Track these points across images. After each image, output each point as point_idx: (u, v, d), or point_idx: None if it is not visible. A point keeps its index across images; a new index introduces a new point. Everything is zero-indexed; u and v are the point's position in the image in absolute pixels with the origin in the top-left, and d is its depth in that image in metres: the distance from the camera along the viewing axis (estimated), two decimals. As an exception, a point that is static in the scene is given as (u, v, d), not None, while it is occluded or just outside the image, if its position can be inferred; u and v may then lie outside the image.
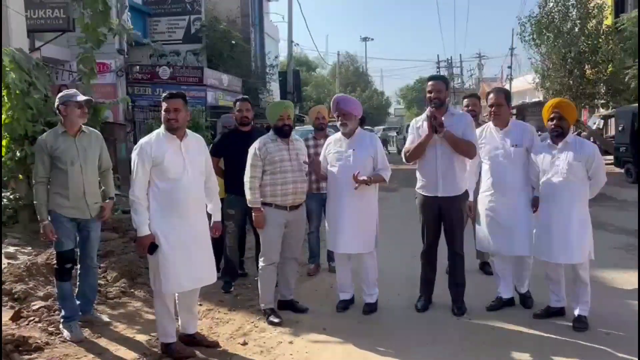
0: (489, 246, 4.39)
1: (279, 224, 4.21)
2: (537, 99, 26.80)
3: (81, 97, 4.01)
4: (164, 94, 3.68)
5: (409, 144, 4.39)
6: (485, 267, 5.38)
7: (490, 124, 4.38)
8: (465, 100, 5.56)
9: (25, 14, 11.32)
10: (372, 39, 64.34)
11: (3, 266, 5.21)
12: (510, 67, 39.64)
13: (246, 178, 4.20)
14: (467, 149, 4.14)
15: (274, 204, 4.19)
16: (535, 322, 4.10)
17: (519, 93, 34.25)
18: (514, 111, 18.78)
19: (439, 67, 51.75)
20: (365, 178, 4.14)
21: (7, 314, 4.09)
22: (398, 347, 3.76)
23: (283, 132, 4.22)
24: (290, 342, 3.86)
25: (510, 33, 38.26)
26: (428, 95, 4.26)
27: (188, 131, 3.70)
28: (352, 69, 51.37)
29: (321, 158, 4.50)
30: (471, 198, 4.40)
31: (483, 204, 4.35)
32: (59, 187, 3.88)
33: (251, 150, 4.23)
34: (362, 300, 4.46)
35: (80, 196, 3.91)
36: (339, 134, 4.43)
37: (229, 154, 4.98)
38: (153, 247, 3.48)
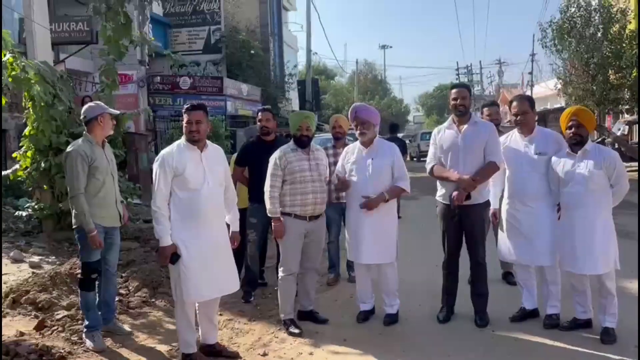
0: (510, 256, 4.31)
1: (298, 234, 4.21)
2: (559, 105, 26.46)
3: (112, 110, 4.15)
4: (185, 105, 3.71)
5: (431, 156, 4.35)
6: (508, 277, 5.29)
7: (516, 130, 4.30)
8: (486, 109, 5.48)
9: (50, 27, 11.62)
10: (391, 47, 64.60)
11: (27, 275, 5.30)
12: (531, 74, 39.15)
13: (266, 187, 4.21)
14: (492, 174, 4.17)
15: (293, 214, 4.18)
16: (561, 334, 4.00)
17: (540, 99, 33.81)
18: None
19: (458, 74, 51.48)
20: (375, 197, 4.15)
21: (31, 324, 4.16)
22: (419, 359, 3.70)
23: (302, 143, 4.22)
24: (311, 354, 3.83)
25: (531, 39, 37.72)
26: (453, 102, 4.23)
27: (208, 142, 3.74)
28: (371, 76, 51.42)
29: (338, 167, 4.47)
30: (496, 206, 4.33)
31: (505, 212, 4.28)
32: (95, 197, 3.94)
33: (271, 159, 4.24)
34: (383, 310, 4.42)
35: (114, 205, 4.05)
36: (357, 143, 4.41)
37: (252, 163, 5.00)
38: (175, 257, 3.50)
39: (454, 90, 4.28)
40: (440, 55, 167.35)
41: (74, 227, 3.97)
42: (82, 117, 4.12)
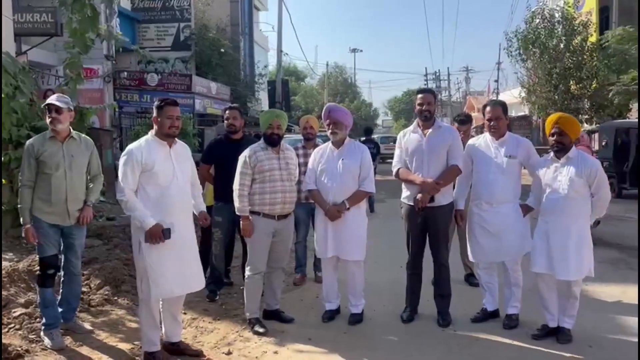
0: (479, 255, 4.38)
1: (266, 233, 4.20)
2: (522, 113, 27.17)
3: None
4: (162, 100, 3.68)
5: (397, 159, 4.41)
6: (470, 279, 5.40)
7: (487, 134, 4.38)
8: (461, 126, 5.31)
9: (13, 17, 11.26)
10: (361, 51, 64.53)
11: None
12: (497, 81, 40.09)
13: (235, 186, 4.19)
14: (454, 177, 4.29)
15: (262, 213, 4.18)
16: (519, 334, 4.10)
17: (505, 107, 34.63)
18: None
19: (426, 80, 52.31)
20: (341, 206, 4.22)
21: (-14, 321, 4.02)
22: (382, 357, 3.75)
23: (272, 141, 4.22)
24: (275, 352, 3.83)
25: (498, 47, 38.62)
26: (418, 107, 4.30)
27: (175, 139, 3.71)
28: (341, 79, 51.63)
29: (309, 167, 4.49)
30: (462, 207, 4.40)
31: (473, 214, 4.36)
32: (42, 192, 3.83)
33: (241, 158, 4.22)
34: (348, 310, 4.45)
35: (62, 202, 3.85)
36: (328, 144, 4.44)
37: (218, 162, 4.97)
38: (167, 232, 3.44)
39: (419, 96, 4.35)
40: (410, 60, 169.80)
41: None
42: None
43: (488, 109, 4.35)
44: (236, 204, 4.18)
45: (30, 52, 12.53)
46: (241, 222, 4.18)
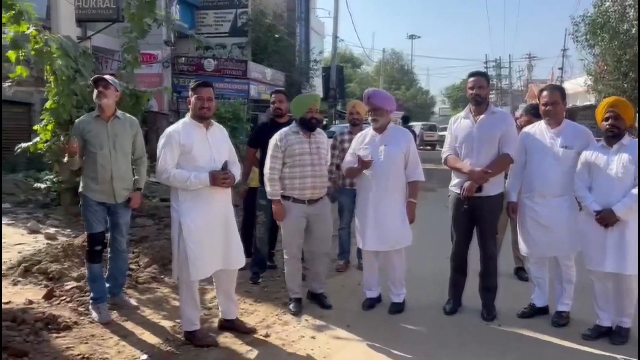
0: (531, 249, 4.17)
1: (297, 217, 4.18)
2: (588, 103, 25.82)
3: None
4: (194, 82, 3.71)
5: (447, 146, 4.28)
6: (520, 272, 5.19)
7: (542, 122, 4.15)
8: (531, 118, 4.83)
9: (78, 3, 11.71)
10: (419, 37, 63.42)
11: (42, 246, 5.40)
12: (561, 69, 38.31)
13: (265, 170, 4.19)
14: (505, 166, 4.11)
15: (292, 197, 4.15)
16: (568, 333, 3.91)
17: (570, 96, 33.05)
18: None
19: (486, 67, 50.58)
20: (409, 208, 4.24)
21: (41, 293, 4.23)
22: (421, 349, 3.66)
23: (310, 125, 4.17)
24: (312, 337, 3.82)
25: (563, 33, 36.87)
26: (469, 91, 4.13)
27: (212, 121, 3.74)
28: (397, 66, 50.87)
29: (349, 152, 4.42)
30: (514, 199, 4.20)
31: (525, 206, 4.14)
32: (89, 170, 3.97)
33: (272, 141, 4.19)
34: (390, 299, 4.38)
35: (108, 180, 3.96)
36: (370, 129, 4.35)
37: (264, 145, 4.97)
38: (224, 166, 3.53)
39: (471, 79, 4.17)
40: (469, 47, 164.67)
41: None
42: None
43: (545, 93, 4.09)
44: (267, 187, 4.18)
45: (95, 37, 13.02)
46: (273, 206, 4.18)
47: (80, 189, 4.01)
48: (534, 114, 4.83)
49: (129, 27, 7.42)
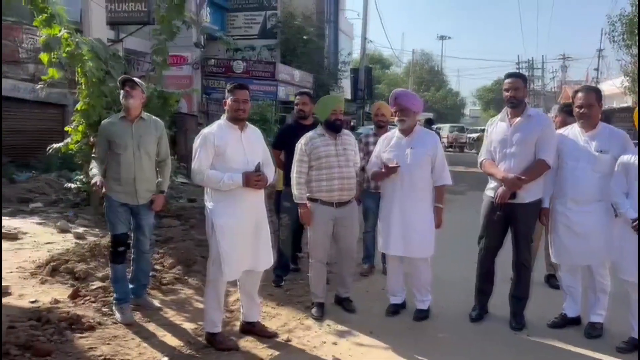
0: (563, 257, 4.02)
1: (325, 220, 4.13)
2: (625, 105, 25.03)
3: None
4: (230, 84, 3.73)
5: (484, 150, 4.16)
6: (551, 280, 5.03)
7: (576, 125, 3.99)
8: (565, 116, 4.76)
9: (111, 6, 11.92)
10: (450, 38, 62.83)
11: (71, 245, 5.48)
12: (597, 70, 37.28)
13: (292, 173, 4.16)
14: (541, 173, 3.91)
15: (319, 200, 4.11)
16: (601, 345, 3.74)
17: (606, 98, 32.17)
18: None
19: (518, 68, 49.65)
20: (437, 215, 4.16)
21: (67, 292, 4.28)
22: (444, 358, 3.56)
23: (335, 127, 4.12)
24: (334, 343, 3.76)
25: (599, 33, 35.84)
26: (505, 93, 4.00)
27: (247, 123, 3.74)
28: (427, 67, 50.37)
29: (373, 154, 4.34)
30: (547, 205, 4.03)
31: (557, 212, 3.98)
32: (113, 171, 4.00)
33: (298, 145, 4.17)
34: (414, 305, 4.28)
35: (130, 181, 3.98)
36: (395, 131, 4.26)
37: (288, 147, 4.94)
38: (257, 168, 3.54)
39: (507, 80, 4.03)
40: (501, 48, 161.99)
41: None
42: None
43: (579, 94, 3.92)
44: (294, 191, 4.15)
45: (127, 40, 13.26)
46: (299, 209, 4.14)
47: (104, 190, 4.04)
48: (567, 112, 4.68)
49: (158, 29, 7.50)
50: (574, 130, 3.98)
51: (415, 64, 48.74)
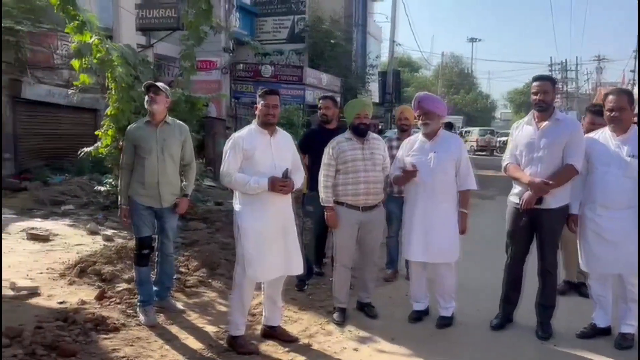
0: (593, 266, 3.89)
1: (351, 224, 4.11)
2: (664, 107, 24.22)
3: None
4: (261, 89, 3.78)
5: (508, 154, 4.08)
6: (581, 288, 4.88)
7: (607, 128, 3.87)
8: (591, 116, 4.67)
9: (142, 13, 12.17)
10: (480, 40, 61.82)
11: (99, 247, 5.59)
12: (633, 71, 36.18)
13: (320, 177, 4.16)
14: (568, 178, 3.80)
15: (345, 204, 4.09)
16: (632, 356, 3.61)
17: (643, 100, 31.17)
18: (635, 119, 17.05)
19: (551, 70, 48.66)
20: (461, 220, 4.10)
21: (93, 293, 4.36)
22: (469, 367, 3.50)
23: (359, 131, 4.10)
24: (355, 349, 3.73)
25: (635, 33, 34.80)
26: (533, 96, 3.91)
27: (277, 128, 3.77)
28: (457, 70, 49.81)
29: (396, 158, 4.29)
30: (576, 211, 3.93)
31: (587, 218, 3.86)
32: (138, 174, 4.07)
33: (326, 149, 4.18)
34: (438, 312, 4.22)
35: (155, 185, 4.03)
36: (419, 134, 4.21)
37: (312, 151, 4.95)
38: (285, 174, 3.57)
39: (535, 83, 3.93)
40: (533, 50, 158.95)
41: None
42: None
43: (610, 97, 3.80)
44: (321, 194, 4.16)
45: (158, 45, 13.50)
46: (326, 213, 4.13)
47: (129, 193, 4.11)
48: (595, 112, 4.58)
49: (186, 34, 7.61)
50: (604, 134, 3.86)
51: (444, 67, 48.31)
